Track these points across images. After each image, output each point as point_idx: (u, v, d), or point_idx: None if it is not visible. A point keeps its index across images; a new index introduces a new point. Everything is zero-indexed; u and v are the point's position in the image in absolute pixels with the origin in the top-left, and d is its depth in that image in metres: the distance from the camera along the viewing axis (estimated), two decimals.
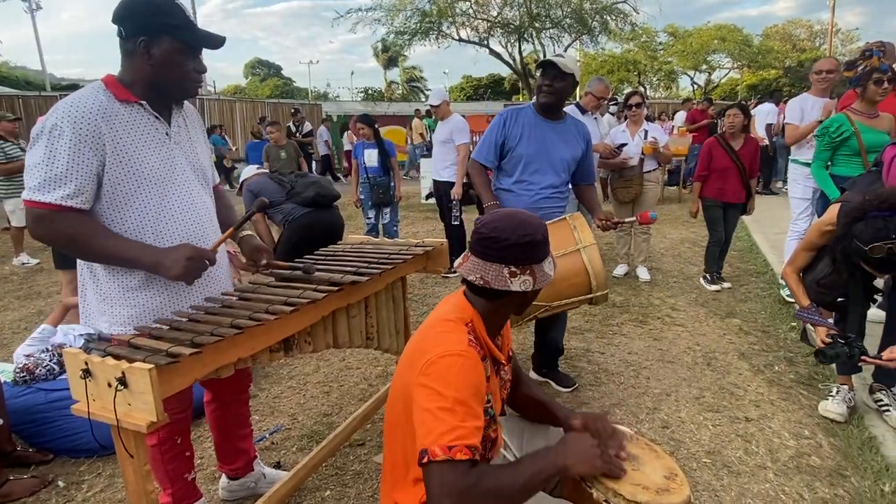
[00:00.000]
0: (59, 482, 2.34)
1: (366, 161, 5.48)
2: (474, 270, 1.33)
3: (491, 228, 1.33)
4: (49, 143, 1.44)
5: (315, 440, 2.59)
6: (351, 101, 25.96)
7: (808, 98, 4.18)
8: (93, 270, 1.63)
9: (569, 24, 18.53)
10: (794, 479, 2.24)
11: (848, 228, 2.18)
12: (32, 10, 21.76)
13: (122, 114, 1.54)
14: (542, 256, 1.35)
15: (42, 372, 2.65)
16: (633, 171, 4.82)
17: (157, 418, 1.20)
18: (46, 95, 14.29)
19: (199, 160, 1.79)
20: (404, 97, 35.04)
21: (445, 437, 1.12)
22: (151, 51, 1.54)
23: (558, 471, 1.20)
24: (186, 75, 1.62)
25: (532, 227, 1.33)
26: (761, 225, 7.05)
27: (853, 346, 2.21)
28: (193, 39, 1.60)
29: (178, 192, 1.66)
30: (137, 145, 1.56)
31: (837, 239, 2.27)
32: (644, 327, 3.91)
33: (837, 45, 32.44)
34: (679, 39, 29.47)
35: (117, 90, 1.55)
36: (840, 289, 2.45)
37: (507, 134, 2.86)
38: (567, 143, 2.86)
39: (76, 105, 1.47)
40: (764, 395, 2.92)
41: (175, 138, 1.68)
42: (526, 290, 1.32)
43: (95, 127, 1.47)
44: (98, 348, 1.30)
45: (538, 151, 2.82)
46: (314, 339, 1.78)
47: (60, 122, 1.44)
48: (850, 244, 2.17)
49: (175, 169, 1.66)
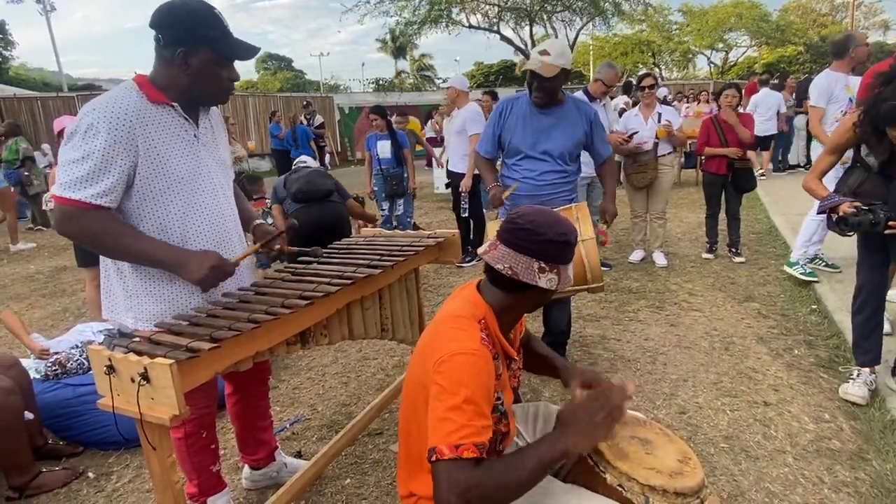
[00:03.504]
0: (90, 473, 2.42)
1: (379, 152, 5.49)
2: (503, 259, 1.32)
3: (528, 221, 1.32)
4: (84, 142, 1.47)
5: (334, 430, 2.64)
6: (362, 93, 25.93)
7: (837, 76, 3.95)
8: (119, 266, 1.68)
9: (581, 6, 18.24)
10: (813, 463, 2.23)
11: (879, 95, 2.13)
12: (47, 12, 22.04)
13: (155, 115, 1.58)
14: (569, 259, 1.36)
15: (73, 366, 2.73)
16: (647, 156, 4.75)
17: (179, 411, 1.24)
18: (64, 96, 14.49)
19: (223, 160, 1.84)
20: (416, 87, 34.87)
21: (453, 436, 1.13)
22: (189, 61, 1.57)
23: (561, 455, 1.20)
24: (221, 85, 1.66)
25: (568, 227, 1.34)
26: (780, 206, 6.92)
27: (877, 213, 2.16)
28: (230, 52, 1.62)
29: (205, 192, 1.70)
30: (168, 146, 1.61)
31: (867, 110, 2.21)
32: (661, 313, 3.89)
33: (860, 18, 31.43)
34: (694, 18, 28.82)
35: (150, 92, 1.59)
36: (878, 194, 2.34)
37: (504, 125, 2.89)
38: (565, 129, 2.83)
39: (113, 106, 1.50)
40: (783, 379, 2.89)
41: (202, 139, 1.73)
42: (551, 287, 1.32)
43: (130, 128, 1.51)
44: (121, 344, 1.35)
45: (534, 142, 2.83)
46: (330, 332, 1.81)
47: (97, 122, 1.47)
48: (880, 109, 2.11)
49: (202, 169, 1.70)
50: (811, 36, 30.25)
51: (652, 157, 4.75)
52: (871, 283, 2.59)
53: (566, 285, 1.36)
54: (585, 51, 26.95)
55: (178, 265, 1.56)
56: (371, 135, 5.72)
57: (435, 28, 18.59)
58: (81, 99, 13.84)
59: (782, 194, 7.64)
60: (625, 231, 6.04)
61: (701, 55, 32.42)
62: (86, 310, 4.40)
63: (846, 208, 2.28)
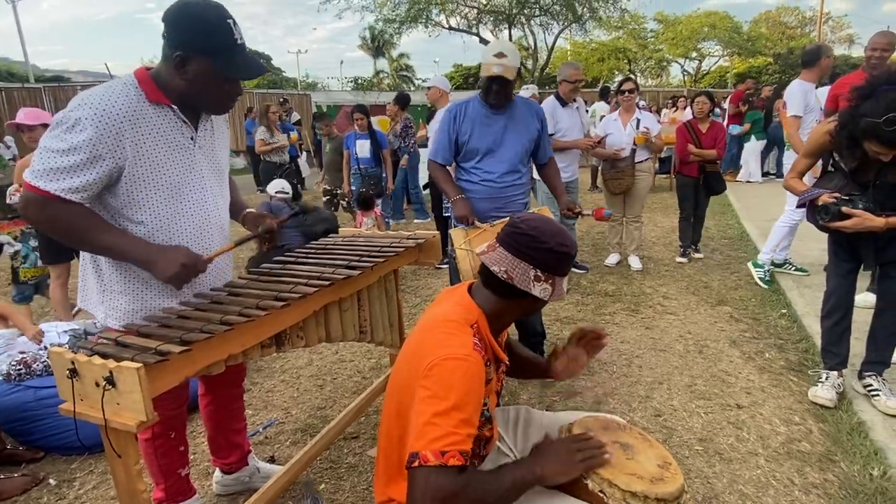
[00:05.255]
0: (51, 480, 2.32)
1: (358, 152, 5.44)
2: (500, 262, 1.31)
3: (531, 227, 1.31)
4: (69, 135, 1.40)
5: (309, 434, 2.59)
6: (340, 91, 25.68)
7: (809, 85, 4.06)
8: (96, 259, 1.62)
9: (558, 10, 18.42)
10: (784, 465, 2.27)
11: (856, 109, 2.18)
12: (13, 0, 21.27)
13: (150, 115, 1.52)
14: (566, 272, 1.35)
15: (39, 367, 2.61)
16: (625, 163, 4.80)
17: (146, 417, 1.19)
18: (30, 87, 13.98)
19: (220, 164, 1.79)
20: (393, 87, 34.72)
21: (439, 443, 1.11)
22: (186, 66, 1.50)
23: (536, 480, 1.21)
24: (219, 96, 1.59)
25: (570, 240, 1.34)
26: (752, 213, 7.09)
27: (856, 203, 2.25)
28: (229, 69, 1.54)
29: (193, 197, 1.65)
30: (160, 149, 1.54)
31: (844, 124, 2.26)
32: (636, 316, 3.93)
33: (827, 32, 32.54)
34: (669, 26, 29.40)
35: (149, 89, 1.52)
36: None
37: (458, 129, 2.86)
38: (518, 129, 2.84)
39: (105, 103, 1.43)
40: (755, 382, 2.95)
41: (199, 143, 1.66)
42: (544, 298, 1.31)
43: (119, 129, 1.44)
44: (85, 346, 1.28)
45: (491, 143, 2.82)
46: (306, 334, 1.76)
47: (85, 117, 1.40)
48: (859, 123, 2.16)
49: (194, 174, 1.64)
50: (780, 48, 31.14)
51: (629, 163, 4.79)
52: (840, 289, 2.65)
53: (559, 298, 1.35)
54: (563, 56, 27.23)
55: (148, 261, 1.50)
56: (349, 133, 5.67)
57: (414, 27, 18.54)
58: (48, 91, 13.38)
59: (753, 202, 7.83)
60: (601, 234, 6.11)
61: (675, 63, 33.08)
62: (50, 308, 4.24)
63: (826, 198, 2.36)
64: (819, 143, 2.51)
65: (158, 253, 1.51)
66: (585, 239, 6.08)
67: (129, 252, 1.51)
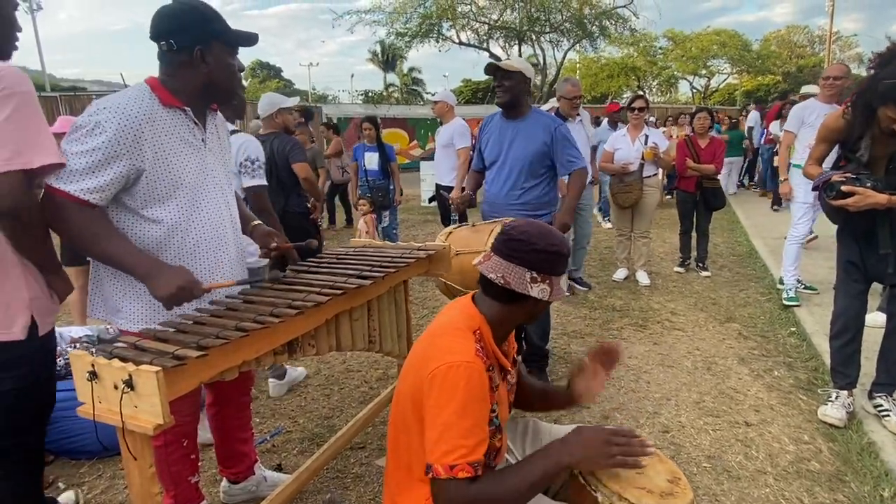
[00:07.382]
0: (60, 484, 2.34)
1: (366, 164, 5.49)
2: (496, 269, 1.34)
3: (521, 232, 1.35)
4: (89, 138, 1.46)
5: (316, 443, 2.59)
6: (351, 104, 25.93)
7: (814, 105, 4.12)
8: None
9: (568, 28, 18.58)
10: (793, 484, 2.25)
11: (875, 74, 2.21)
12: (33, 11, 21.75)
13: (165, 118, 1.59)
14: (561, 271, 1.37)
15: (61, 363, 2.62)
16: (632, 177, 4.83)
17: (163, 421, 1.21)
18: (47, 96, 14.23)
19: (228, 165, 1.87)
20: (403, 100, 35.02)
21: (448, 457, 1.14)
22: (207, 58, 1.62)
23: (563, 469, 1.22)
24: (235, 78, 1.74)
25: (559, 239, 1.37)
26: (760, 230, 7.08)
27: (864, 182, 2.27)
28: (237, 40, 1.69)
29: (209, 197, 1.71)
30: (177, 149, 1.61)
31: (862, 91, 2.29)
32: (644, 332, 3.92)
33: (836, 51, 32.59)
34: (679, 44, 29.58)
35: (163, 94, 1.60)
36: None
37: (482, 139, 3.08)
38: (526, 139, 2.90)
39: (124, 107, 1.50)
40: (763, 399, 2.93)
41: (209, 144, 1.74)
42: (543, 298, 1.33)
43: (138, 131, 1.50)
44: (104, 350, 1.31)
45: (499, 152, 2.97)
46: (318, 342, 1.78)
47: (105, 120, 1.46)
48: (877, 88, 2.18)
49: (208, 174, 1.71)
50: (789, 66, 31.25)
51: (637, 177, 4.82)
52: (850, 309, 2.64)
53: (559, 297, 1.37)
54: (573, 69, 27.40)
55: (147, 276, 1.51)
56: (358, 145, 5.72)
57: (425, 41, 18.72)
58: (64, 100, 13.61)
59: (761, 220, 7.83)
60: (609, 249, 6.11)
61: (684, 80, 33.25)
62: (62, 313, 4.28)
63: (836, 177, 2.37)
64: (833, 126, 2.51)
65: (159, 270, 1.52)
66: (593, 254, 6.08)
67: (132, 264, 1.52)
